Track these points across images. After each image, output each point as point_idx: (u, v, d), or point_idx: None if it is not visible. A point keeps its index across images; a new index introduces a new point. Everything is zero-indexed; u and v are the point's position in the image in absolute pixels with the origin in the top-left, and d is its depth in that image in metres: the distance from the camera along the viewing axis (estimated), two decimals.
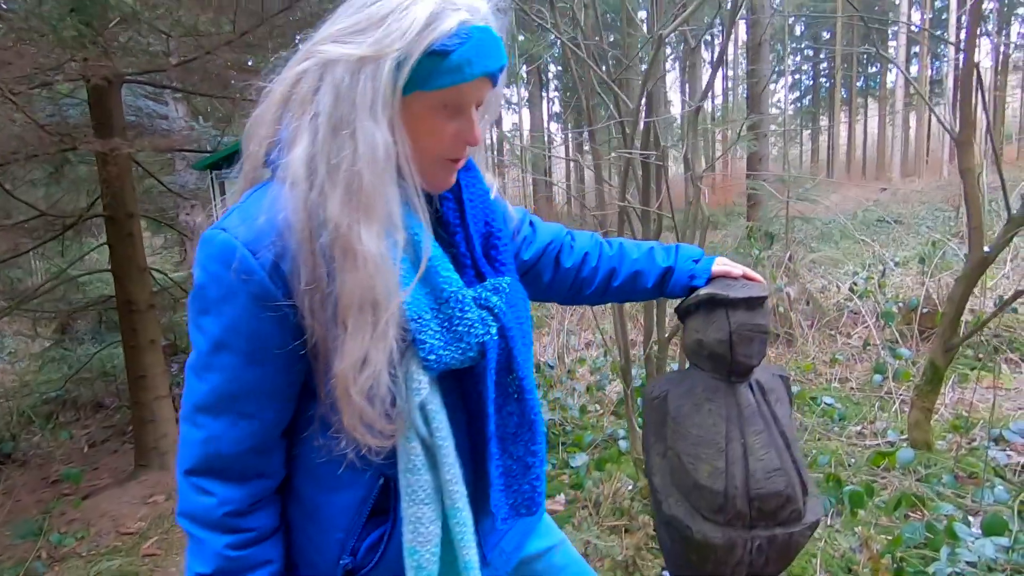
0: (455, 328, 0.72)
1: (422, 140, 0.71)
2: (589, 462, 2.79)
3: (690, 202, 2.31)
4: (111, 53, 2.46)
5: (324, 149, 0.65)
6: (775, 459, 1.01)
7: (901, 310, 4.17)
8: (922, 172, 20.00)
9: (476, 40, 0.68)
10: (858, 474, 2.41)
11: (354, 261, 0.64)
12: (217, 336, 0.67)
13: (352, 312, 0.64)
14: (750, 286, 1.06)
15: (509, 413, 0.79)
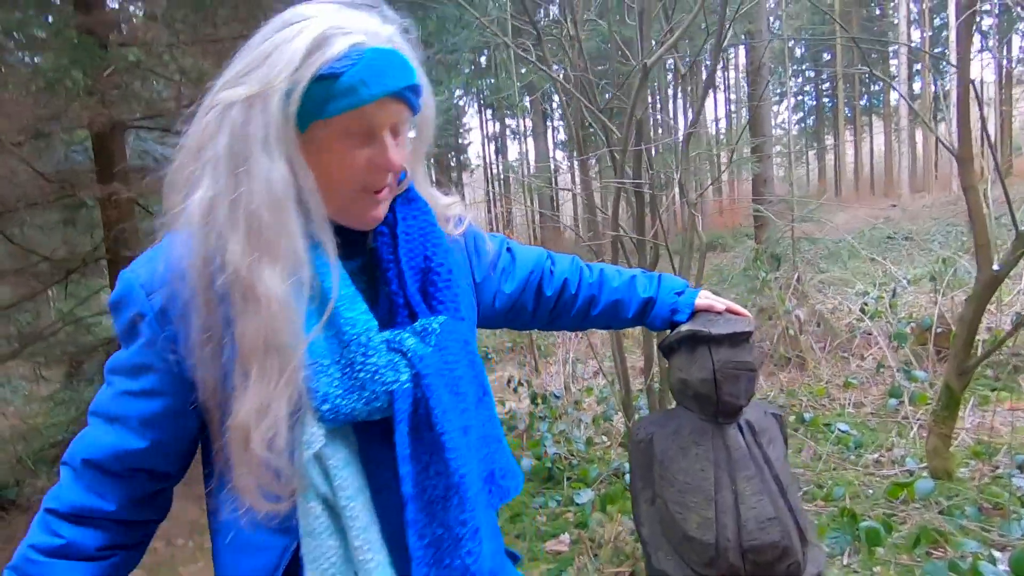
0: (357, 375, 0.66)
1: (333, 172, 0.67)
2: (595, 498, 2.70)
3: (686, 228, 2.27)
4: (109, 102, 2.50)
5: (222, 191, 0.64)
6: (769, 507, 0.95)
7: (914, 330, 4.06)
8: (931, 187, 19.84)
9: (368, 60, 0.65)
10: (875, 507, 2.30)
11: (256, 304, 0.61)
12: (118, 359, 0.71)
13: (256, 358, 0.61)
14: (734, 321, 1.01)
15: (437, 473, 0.69)
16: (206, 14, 2.96)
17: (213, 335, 0.63)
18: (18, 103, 2.17)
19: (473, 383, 0.76)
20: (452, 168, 19.77)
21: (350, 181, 0.68)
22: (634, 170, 2.27)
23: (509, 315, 0.99)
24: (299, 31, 0.64)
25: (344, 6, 0.69)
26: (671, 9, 2.50)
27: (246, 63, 0.66)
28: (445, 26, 4.05)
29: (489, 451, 0.78)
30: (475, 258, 0.92)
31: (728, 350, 0.98)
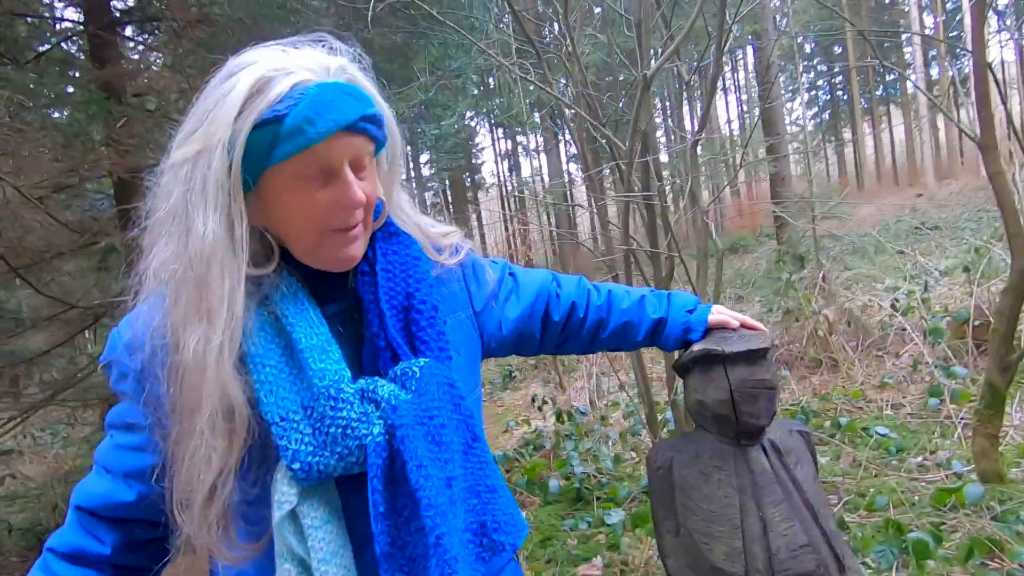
0: (328, 430, 0.63)
1: (294, 217, 0.65)
2: (626, 518, 2.63)
3: (700, 236, 2.22)
4: (124, 151, 2.58)
5: (169, 251, 0.63)
6: (800, 533, 0.89)
7: (950, 324, 3.90)
8: (958, 174, 19.29)
9: (313, 97, 0.62)
10: (922, 516, 2.18)
11: (187, 366, 0.61)
12: (109, 417, 0.73)
13: (196, 420, 0.61)
14: (749, 337, 0.96)
15: (417, 530, 0.63)
16: (214, 60, 3.04)
17: (161, 399, 0.65)
18: (38, 159, 2.24)
19: (458, 430, 0.71)
20: (467, 188, 19.95)
21: (315, 224, 0.65)
22: (643, 182, 2.24)
23: (517, 342, 0.96)
24: (238, 79, 0.62)
25: (288, 46, 0.67)
26: (670, 17, 2.48)
27: (194, 121, 0.64)
28: (448, 52, 4.10)
29: (480, 502, 0.72)
30: (474, 287, 0.88)
31: (744, 368, 0.93)
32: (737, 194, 21.62)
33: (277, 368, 0.64)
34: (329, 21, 3.41)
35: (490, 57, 2.51)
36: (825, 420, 3.41)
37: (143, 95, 3.32)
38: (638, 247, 2.31)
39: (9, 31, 3.10)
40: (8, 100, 2.13)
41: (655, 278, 2.35)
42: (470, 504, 0.71)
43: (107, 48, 3.17)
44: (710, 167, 11.25)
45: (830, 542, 0.91)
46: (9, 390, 4.06)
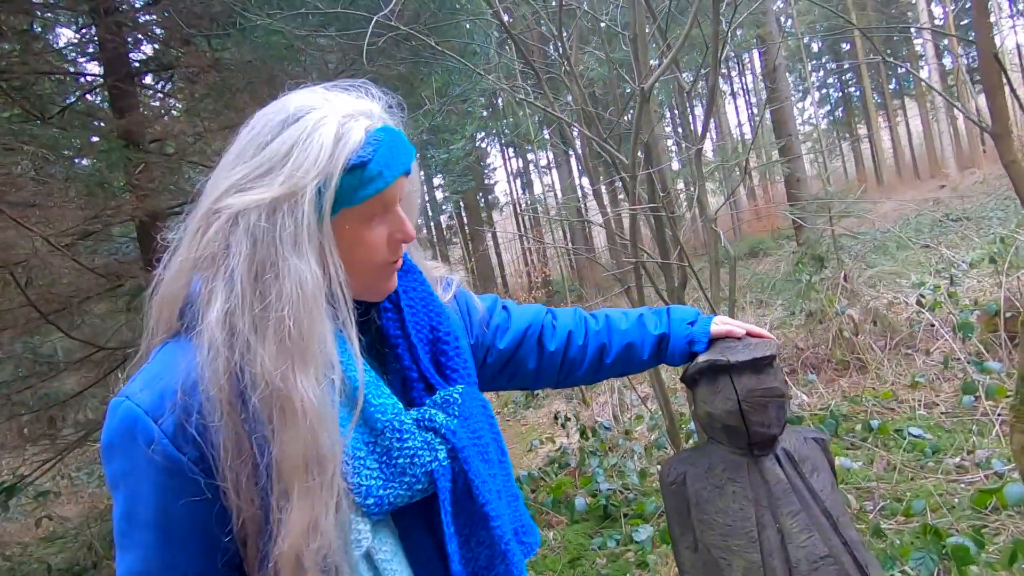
0: (395, 461, 0.64)
1: (357, 254, 0.67)
2: (654, 534, 2.58)
3: (708, 244, 2.21)
4: (143, 195, 2.67)
5: (244, 302, 0.60)
6: (820, 544, 0.87)
7: (981, 318, 3.78)
8: (980, 162, 18.84)
9: (387, 143, 0.66)
10: (962, 520, 2.10)
11: (293, 417, 0.58)
12: (129, 511, 0.61)
13: (297, 476, 0.57)
14: (754, 345, 0.96)
15: (479, 543, 0.69)
16: (227, 102, 3.15)
17: (245, 458, 0.58)
18: (63, 208, 2.34)
19: (496, 447, 0.76)
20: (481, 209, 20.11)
21: (373, 260, 0.68)
22: (649, 193, 2.25)
23: (505, 372, 0.97)
24: (315, 124, 0.63)
25: (330, 90, 0.69)
26: (666, 29, 2.51)
27: (256, 165, 0.63)
28: (452, 78, 4.18)
29: (511, 510, 0.76)
30: (467, 320, 0.91)
31: (751, 377, 0.92)
32: (753, 197, 21.41)
33: (342, 413, 0.63)
34: (334, 57, 3.51)
35: (492, 83, 2.56)
36: (856, 423, 3.32)
37: (161, 140, 3.45)
38: (649, 259, 2.30)
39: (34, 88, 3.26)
40: (33, 155, 2.23)
41: (667, 289, 2.33)
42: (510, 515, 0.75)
43: (126, 98, 3.30)
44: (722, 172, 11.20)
45: (852, 551, 0.89)
46: (46, 432, 4.17)
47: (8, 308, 2.93)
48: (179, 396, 0.59)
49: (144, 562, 0.61)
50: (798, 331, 4.94)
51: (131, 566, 0.61)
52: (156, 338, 0.66)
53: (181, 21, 2.80)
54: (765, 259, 11.69)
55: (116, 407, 0.61)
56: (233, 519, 0.59)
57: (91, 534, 4.58)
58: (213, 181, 0.66)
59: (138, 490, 0.60)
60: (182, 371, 0.61)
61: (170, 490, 0.59)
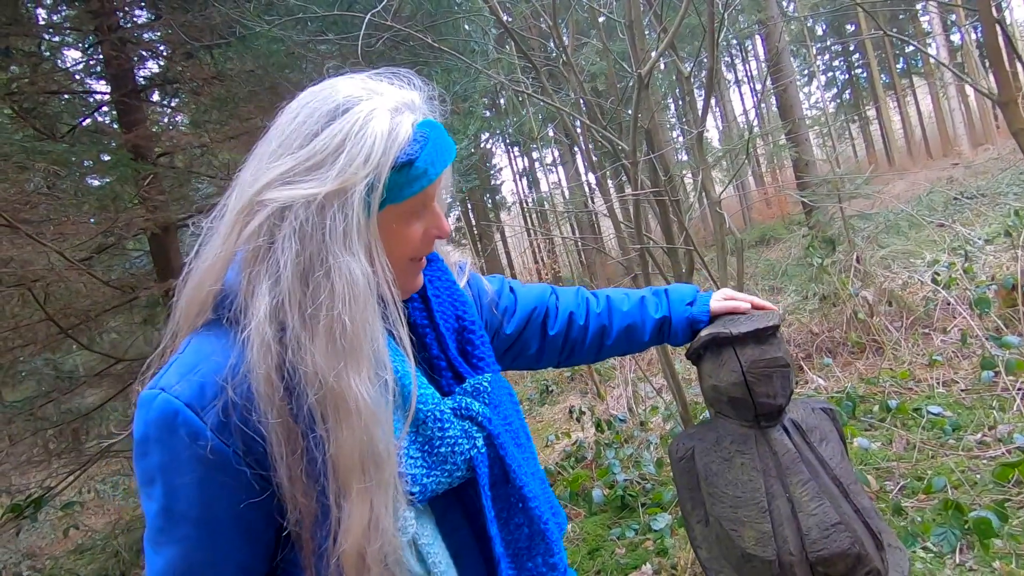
0: (437, 450, 0.65)
1: (395, 250, 0.67)
2: (672, 522, 2.57)
3: (714, 230, 2.20)
4: (153, 208, 2.72)
5: (293, 299, 0.59)
6: (831, 511, 0.87)
7: (998, 293, 3.72)
8: (993, 138, 18.49)
9: (433, 139, 0.66)
10: (984, 494, 2.07)
11: (348, 417, 0.57)
12: (169, 507, 0.59)
13: (355, 474, 0.57)
14: (757, 316, 0.96)
15: (517, 525, 0.71)
16: (231, 112, 3.19)
17: (299, 453, 0.58)
18: (76, 223, 2.39)
19: (524, 432, 0.78)
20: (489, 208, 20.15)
21: (407, 255, 0.68)
22: (651, 179, 2.24)
23: (509, 354, 0.98)
24: (366, 118, 0.61)
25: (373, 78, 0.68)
26: (663, 15, 2.50)
27: (305, 157, 0.61)
28: (452, 76, 4.19)
29: (543, 491, 0.78)
30: (479, 303, 0.92)
31: (755, 348, 0.92)
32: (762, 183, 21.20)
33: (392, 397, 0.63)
34: (335, 62, 3.54)
35: (491, 77, 2.57)
36: (874, 404, 3.28)
37: (169, 153, 3.50)
38: (654, 245, 2.30)
39: (44, 109, 3.33)
40: (45, 172, 2.28)
41: (675, 275, 2.33)
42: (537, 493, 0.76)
43: (133, 113, 3.36)
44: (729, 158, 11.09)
45: (865, 519, 0.89)
46: (71, 445, 4.26)
47: (28, 324, 2.99)
48: (222, 388, 0.59)
49: (185, 558, 0.60)
50: (812, 315, 4.90)
51: (170, 561, 0.60)
52: (185, 327, 0.65)
53: (184, 34, 2.84)
54: (775, 245, 11.58)
55: (151, 400, 0.59)
56: (289, 511, 0.59)
57: (118, 544, 4.66)
58: (253, 171, 0.64)
59: (178, 484, 0.59)
60: (221, 362, 0.60)
61: (215, 483, 0.59)
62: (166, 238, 3.49)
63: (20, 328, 2.72)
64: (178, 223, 3.56)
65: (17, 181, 2.16)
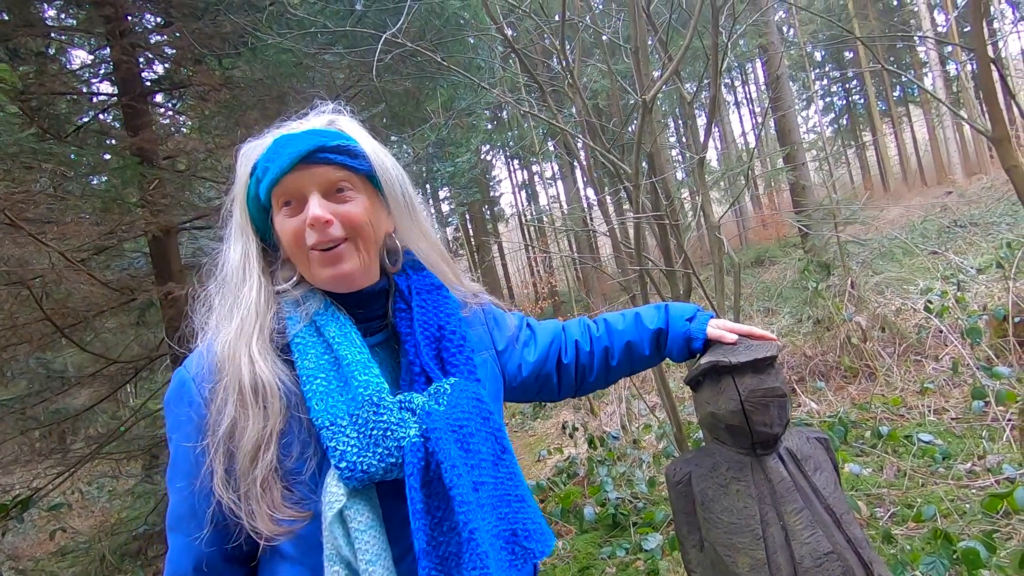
0: (371, 432, 0.69)
1: (285, 242, 0.78)
2: (663, 543, 2.57)
3: (712, 252, 2.23)
4: (157, 211, 2.73)
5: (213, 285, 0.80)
6: (824, 541, 0.89)
7: (989, 323, 3.77)
8: (987, 168, 18.75)
9: (275, 142, 0.78)
10: (972, 524, 2.09)
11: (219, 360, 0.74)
12: (173, 462, 0.75)
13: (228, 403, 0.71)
14: (756, 346, 0.98)
15: (450, 529, 0.69)
16: (237, 119, 3.22)
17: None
18: (79, 224, 2.39)
19: (487, 441, 0.77)
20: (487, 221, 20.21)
21: (296, 245, 0.77)
22: (652, 202, 2.28)
23: (537, 386, 1.01)
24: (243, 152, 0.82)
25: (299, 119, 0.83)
26: (667, 41, 2.55)
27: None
28: (457, 92, 4.25)
29: (510, 510, 0.76)
30: (496, 330, 0.96)
31: (753, 378, 0.94)
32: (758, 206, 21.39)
33: (326, 380, 0.72)
34: (343, 74, 3.58)
35: (497, 95, 2.61)
36: (865, 430, 3.31)
37: (173, 157, 3.52)
38: (653, 266, 2.32)
39: (51, 109, 3.34)
40: (51, 172, 2.30)
41: (672, 297, 2.35)
42: (501, 512, 0.75)
43: (139, 116, 3.38)
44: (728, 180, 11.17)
45: (856, 549, 0.90)
46: (58, 446, 4.21)
47: (25, 323, 2.98)
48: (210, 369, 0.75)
49: (177, 507, 0.74)
50: (806, 339, 4.93)
51: (171, 509, 0.75)
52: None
53: (194, 41, 2.88)
54: (771, 267, 11.66)
55: (175, 374, 0.77)
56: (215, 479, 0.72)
57: (103, 547, 4.60)
58: None
59: (179, 441, 0.73)
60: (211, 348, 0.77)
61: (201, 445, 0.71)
62: (166, 241, 3.50)
63: (17, 327, 2.71)
64: (179, 227, 3.57)
65: (23, 181, 2.17)
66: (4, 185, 2.24)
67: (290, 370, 0.74)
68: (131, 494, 5.16)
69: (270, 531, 0.68)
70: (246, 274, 0.77)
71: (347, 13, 3.32)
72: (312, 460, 0.71)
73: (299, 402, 0.72)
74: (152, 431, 4.72)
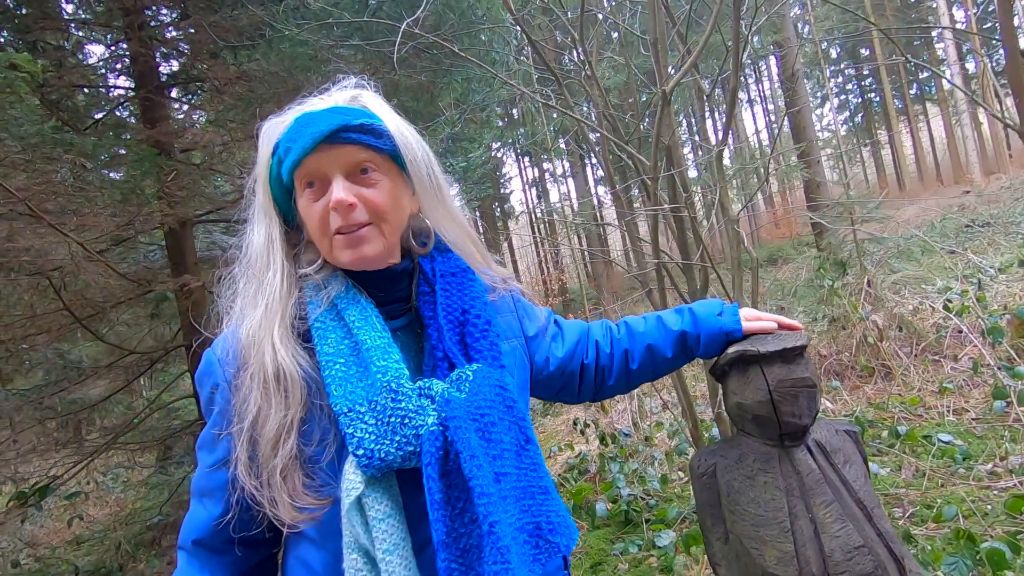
0: (389, 419, 0.68)
1: (309, 225, 0.77)
2: (676, 540, 2.55)
3: (732, 247, 2.20)
4: (175, 203, 2.74)
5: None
6: (854, 534, 0.87)
7: (1012, 322, 3.70)
8: (1006, 167, 18.45)
9: (295, 123, 0.75)
10: (996, 525, 2.05)
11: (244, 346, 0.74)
12: (198, 440, 0.79)
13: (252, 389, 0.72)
14: (784, 336, 0.96)
15: (471, 520, 0.67)
16: (254, 112, 3.23)
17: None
18: (98, 216, 2.41)
19: (511, 430, 0.74)
20: (497, 217, 20.20)
21: (320, 228, 0.75)
22: (670, 195, 2.25)
23: (561, 383, 0.99)
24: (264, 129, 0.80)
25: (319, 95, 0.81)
26: (686, 33, 2.52)
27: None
28: (472, 86, 4.23)
29: (534, 503, 0.74)
30: (525, 318, 0.94)
31: (782, 367, 0.93)
32: (771, 204, 21.20)
33: (346, 366, 0.71)
34: (358, 67, 3.58)
35: (512, 87, 2.59)
36: (882, 430, 3.26)
37: (190, 150, 3.54)
38: (670, 260, 2.30)
39: (69, 102, 3.37)
40: (72, 163, 2.32)
41: (689, 290, 2.33)
42: (525, 504, 0.72)
43: (156, 109, 3.40)
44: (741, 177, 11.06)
45: (888, 543, 0.88)
46: (74, 436, 4.27)
47: (43, 313, 3.02)
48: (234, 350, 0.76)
49: (199, 478, 0.79)
50: (821, 337, 4.87)
51: (195, 477, 0.79)
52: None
53: (212, 33, 2.89)
54: (785, 266, 11.55)
55: (204, 353, 0.80)
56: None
57: (119, 536, 4.66)
58: None
59: (207, 419, 0.78)
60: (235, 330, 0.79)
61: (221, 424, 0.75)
62: (182, 234, 3.52)
63: (36, 316, 2.74)
64: (194, 219, 3.60)
65: (44, 172, 2.19)
66: (26, 176, 2.26)
67: (311, 357, 0.73)
68: (145, 485, 5.22)
69: (291, 518, 0.68)
70: (270, 258, 0.76)
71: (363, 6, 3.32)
72: (332, 447, 0.71)
73: (319, 388, 0.71)
74: (166, 423, 4.77)
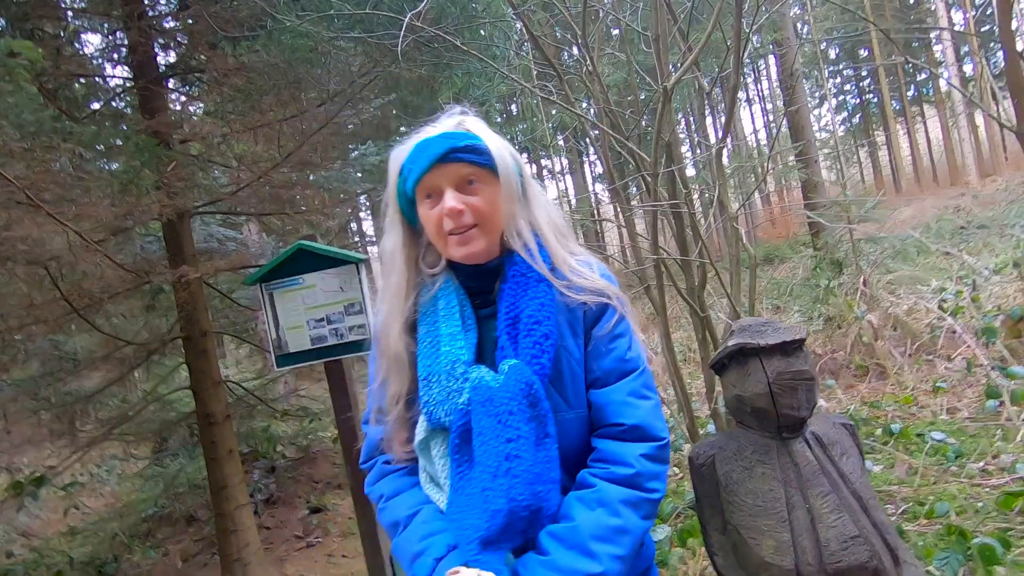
0: (437, 391, 0.90)
1: (428, 229, 0.96)
2: (672, 534, 2.57)
3: (731, 244, 2.22)
4: (173, 193, 2.74)
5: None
6: (850, 525, 0.88)
7: (1005, 322, 3.73)
8: (1002, 169, 18.54)
9: (416, 147, 0.94)
10: (987, 522, 2.08)
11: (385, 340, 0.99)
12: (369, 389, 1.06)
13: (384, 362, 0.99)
14: (784, 329, 0.97)
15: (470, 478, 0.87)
16: (253, 104, 3.22)
17: None
18: (96, 205, 2.40)
19: (531, 422, 0.85)
20: None
21: (435, 231, 0.94)
22: (669, 192, 2.26)
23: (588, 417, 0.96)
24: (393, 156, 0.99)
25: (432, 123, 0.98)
26: (687, 30, 2.53)
27: None
28: (472, 81, 4.23)
29: (544, 489, 0.83)
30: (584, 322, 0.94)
31: (781, 360, 0.94)
32: (768, 203, 21.26)
33: (431, 345, 0.93)
34: (358, 59, 3.57)
35: (513, 82, 2.59)
36: (876, 428, 3.29)
37: (188, 141, 3.52)
38: (669, 256, 2.31)
39: (67, 92, 3.35)
40: (71, 152, 2.31)
41: (688, 287, 2.34)
42: (535, 489, 0.84)
43: (155, 100, 3.38)
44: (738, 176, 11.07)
45: (883, 534, 0.90)
46: (68, 428, 4.25)
47: (41, 303, 3.00)
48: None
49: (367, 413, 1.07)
50: (816, 336, 4.90)
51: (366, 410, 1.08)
52: None
53: (212, 24, 2.87)
54: (781, 265, 11.59)
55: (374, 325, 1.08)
56: None
57: (113, 528, 4.65)
58: None
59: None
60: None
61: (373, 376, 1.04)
62: (180, 225, 3.51)
63: (34, 306, 2.73)
64: (192, 211, 3.58)
65: (43, 160, 2.18)
66: (24, 164, 2.25)
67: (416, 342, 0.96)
68: (140, 477, 5.20)
69: (396, 453, 0.98)
70: (394, 264, 0.99)
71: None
72: (418, 405, 0.94)
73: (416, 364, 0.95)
74: (162, 415, 4.76)
